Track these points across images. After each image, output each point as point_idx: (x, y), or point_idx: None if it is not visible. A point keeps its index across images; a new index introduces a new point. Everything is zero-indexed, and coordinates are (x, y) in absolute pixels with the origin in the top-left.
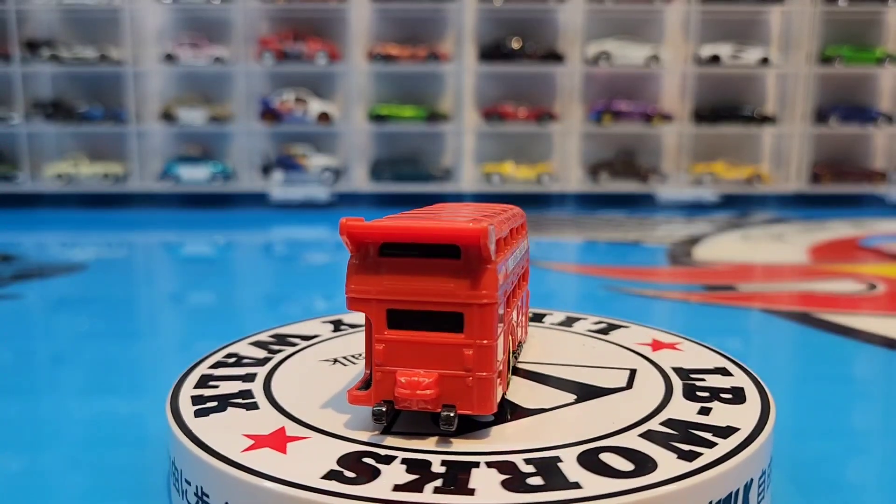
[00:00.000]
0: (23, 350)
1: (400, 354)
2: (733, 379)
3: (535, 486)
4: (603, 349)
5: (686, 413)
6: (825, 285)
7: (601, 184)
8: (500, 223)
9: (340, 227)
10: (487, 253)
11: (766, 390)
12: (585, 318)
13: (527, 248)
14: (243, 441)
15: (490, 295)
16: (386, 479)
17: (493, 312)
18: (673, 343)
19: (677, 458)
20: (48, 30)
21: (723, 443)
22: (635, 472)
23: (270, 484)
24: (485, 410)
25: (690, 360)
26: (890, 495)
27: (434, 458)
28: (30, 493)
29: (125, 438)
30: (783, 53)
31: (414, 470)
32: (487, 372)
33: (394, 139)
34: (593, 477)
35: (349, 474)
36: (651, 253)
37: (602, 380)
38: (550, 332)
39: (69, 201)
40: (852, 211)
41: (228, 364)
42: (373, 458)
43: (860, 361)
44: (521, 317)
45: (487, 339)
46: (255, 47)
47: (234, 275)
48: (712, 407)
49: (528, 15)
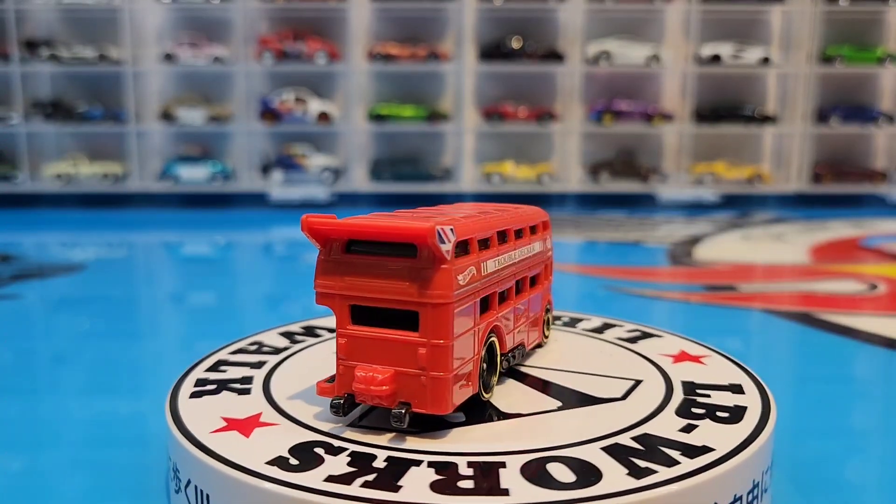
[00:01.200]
0: (23, 350)
1: (360, 349)
2: (741, 398)
3: (463, 489)
4: (622, 358)
5: (666, 429)
6: (826, 285)
7: (601, 184)
8: (475, 223)
9: (301, 223)
10: (440, 252)
11: (769, 412)
12: (621, 324)
13: (542, 250)
14: (217, 423)
15: (444, 295)
16: (324, 469)
17: (448, 313)
18: (700, 356)
19: (627, 473)
20: (47, 29)
21: (686, 462)
22: (574, 484)
23: (217, 464)
24: (439, 410)
25: (707, 374)
26: (890, 495)
27: (381, 454)
28: (30, 492)
29: (125, 438)
30: (784, 53)
31: (356, 463)
32: (442, 372)
33: (394, 139)
34: (527, 485)
35: (293, 461)
36: (651, 253)
37: (599, 389)
38: (578, 338)
39: (69, 201)
40: (853, 211)
41: (249, 351)
42: (323, 449)
43: (861, 362)
44: (524, 320)
45: (442, 339)
46: (255, 47)
47: (234, 275)
48: (699, 425)
49: (529, 14)
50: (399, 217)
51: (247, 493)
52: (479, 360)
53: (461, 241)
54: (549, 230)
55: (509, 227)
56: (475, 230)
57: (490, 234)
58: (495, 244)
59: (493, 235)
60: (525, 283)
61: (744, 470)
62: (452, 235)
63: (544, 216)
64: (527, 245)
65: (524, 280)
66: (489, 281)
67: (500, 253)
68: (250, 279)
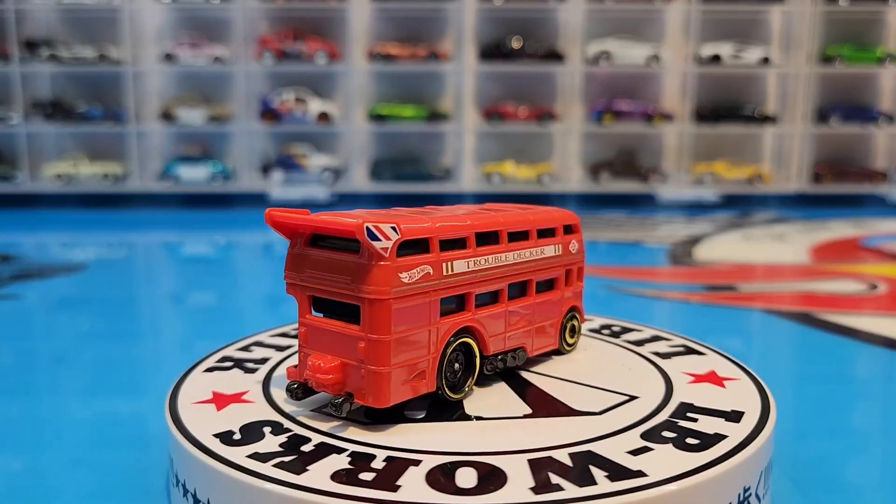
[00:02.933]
0: (23, 350)
1: (316, 339)
2: (729, 426)
3: (360, 481)
4: (639, 373)
5: (613, 450)
6: (826, 285)
7: (602, 184)
8: (441, 223)
9: (265, 216)
10: (374, 249)
11: (759, 431)
12: (670, 338)
13: (557, 254)
14: (205, 395)
15: (381, 291)
16: (255, 447)
17: (386, 309)
18: (727, 377)
19: (530, 488)
20: (47, 29)
21: (604, 484)
22: (472, 490)
23: (176, 432)
24: (377, 403)
25: (717, 398)
26: (890, 495)
27: (316, 438)
28: (31, 492)
29: (125, 438)
30: (784, 53)
31: (286, 444)
32: (380, 366)
33: (394, 139)
34: (422, 485)
35: (236, 436)
36: (652, 253)
37: (583, 402)
38: (610, 349)
39: (69, 201)
40: (853, 211)
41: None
42: (270, 428)
43: (861, 361)
44: (525, 325)
45: (379, 335)
46: (255, 47)
47: (234, 275)
48: (655, 449)
49: (529, 14)
50: (358, 214)
51: (248, 494)
52: (436, 360)
53: (415, 241)
54: (575, 234)
55: (500, 228)
56: (437, 231)
57: (465, 235)
58: (472, 245)
59: (469, 236)
60: (530, 286)
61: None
62: (394, 234)
63: (568, 220)
64: (531, 248)
65: (529, 283)
66: (460, 281)
67: (480, 255)
68: (250, 279)
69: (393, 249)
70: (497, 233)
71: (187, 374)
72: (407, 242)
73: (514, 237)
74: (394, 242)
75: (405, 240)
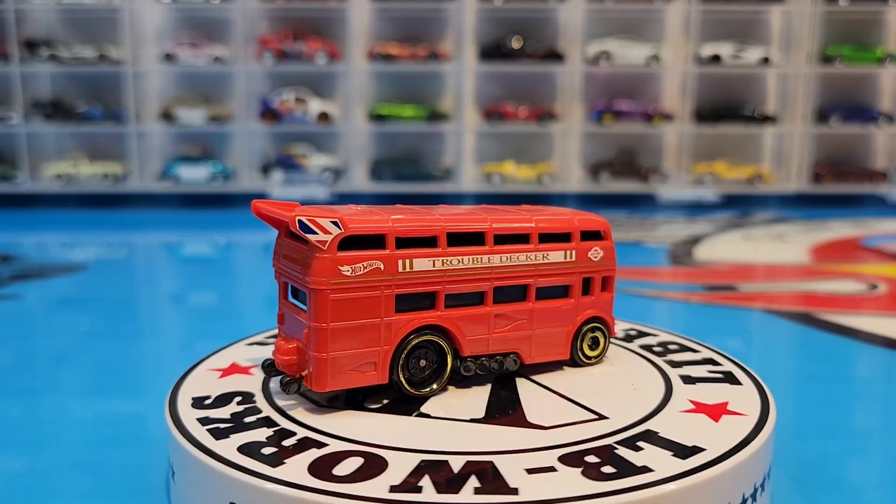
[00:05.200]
0: (23, 350)
1: (287, 322)
2: (672, 461)
3: (264, 456)
4: (638, 395)
5: (510, 466)
6: (826, 285)
7: (602, 184)
8: (403, 221)
9: (252, 207)
10: (310, 241)
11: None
12: (720, 362)
13: (568, 261)
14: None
15: (319, 281)
16: (211, 412)
17: (324, 298)
18: (732, 412)
19: (391, 486)
20: (47, 29)
21: (466, 494)
22: (342, 478)
23: (167, 402)
24: (316, 388)
25: (686, 431)
26: (890, 494)
27: (282, 423)
28: (31, 492)
29: (126, 438)
30: (784, 53)
31: (235, 417)
32: (319, 352)
33: (394, 139)
34: (302, 470)
35: (207, 402)
36: (652, 253)
37: (542, 415)
38: (644, 366)
39: (69, 201)
40: (853, 211)
41: None
42: (240, 398)
43: (861, 361)
44: (521, 330)
45: (318, 322)
46: (255, 47)
47: (234, 275)
48: (559, 471)
49: (529, 14)
50: (340, 210)
51: (249, 492)
52: (389, 353)
53: (364, 237)
54: (599, 242)
55: (484, 230)
56: (393, 229)
57: (431, 235)
58: (443, 245)
59: (440, 236)
60: (529, 291)
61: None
62: (335, 228)
63: (590, 226)
64: (529, 252)
65: (528, 288)
66: (424, 279)
67: (452, 255)
68: (250, 279)
69: (333, 243)
70: (481, 234)
71: (187, 374)
72: (355, 238)
73: (505, 240)
74: (334, 236)
75: (351, 235)
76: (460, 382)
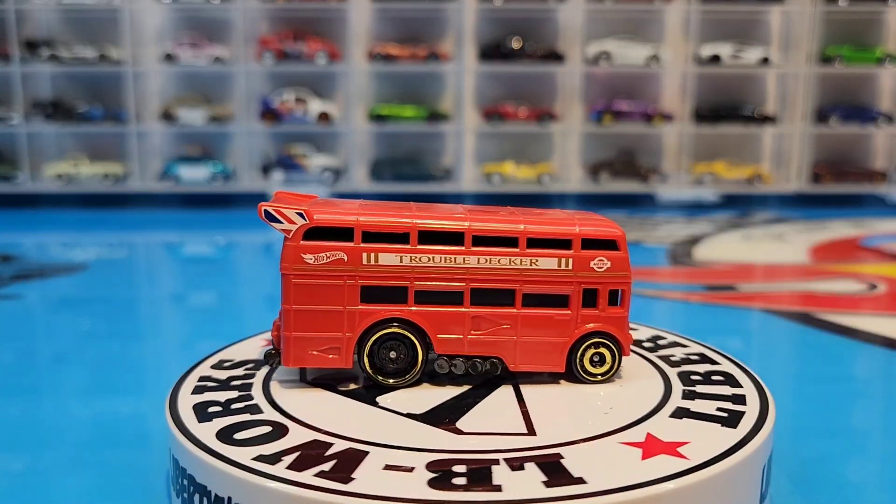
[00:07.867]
0: (24, 350)
1: None
2: (529, 487)
3: (241, 441)
4: (608, 419)
5: (373, 459)
6: (826, 285)
7: (602, 184)
8: (372, 217)
9: (274, 197)
10: (278, 229)
11: None
12: (722, 390)
13: (565, 268)
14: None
15: (284, 266)
16: (219, 410)
17: (287, 282)
18: (677, 453)
19: (315, 474)
20: (47, 29)
21: (308, 477)
22: (268, 458)
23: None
24: (283, 363)
25: (629, 469)
26: (890, 494)
27: (264, 407)
28: (31, 493)
29: (126, 438)
30: (783, 53)
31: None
32: (286, 331)
33: (394, 139)
34: (239, 448)
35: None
36: (651, 253)
37: (477, 423)
38: (651, 389)
39: (69, 201)
40: (853, 211)
41: None
42: (240, 397)
43: (861, 361)
44: (504, 334)
45: (284, 304)
46: (255, 47)
47: (234, 275)
48: (450, 487)
49: (528, 15)
50: (332, 203)
51: (249, 491)
52: (352, 340)
53: (331, 228)
54: (605, 252)
55: (462, 231)
56: (360, 223)
57: (401, 231)
58: (414, 242)
59: (411, 233)
60: (516, 297)
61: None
62: (300, 219)
63: (595, 234)
64: (513, 256)
65: (514, 293)
66: (390, 273)
67: (423, 252)
68: (251, 279)
69: (298, 232)
70: (459, 234)
71: (187, 373)
72: (321, 229)
73: (486, 242)
74: (298, 226)
75: (317, 226)
76: (451, 381)
